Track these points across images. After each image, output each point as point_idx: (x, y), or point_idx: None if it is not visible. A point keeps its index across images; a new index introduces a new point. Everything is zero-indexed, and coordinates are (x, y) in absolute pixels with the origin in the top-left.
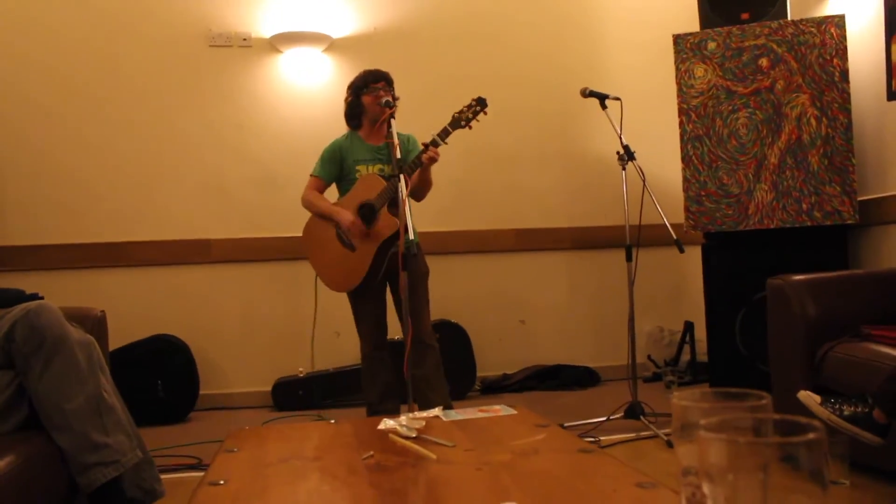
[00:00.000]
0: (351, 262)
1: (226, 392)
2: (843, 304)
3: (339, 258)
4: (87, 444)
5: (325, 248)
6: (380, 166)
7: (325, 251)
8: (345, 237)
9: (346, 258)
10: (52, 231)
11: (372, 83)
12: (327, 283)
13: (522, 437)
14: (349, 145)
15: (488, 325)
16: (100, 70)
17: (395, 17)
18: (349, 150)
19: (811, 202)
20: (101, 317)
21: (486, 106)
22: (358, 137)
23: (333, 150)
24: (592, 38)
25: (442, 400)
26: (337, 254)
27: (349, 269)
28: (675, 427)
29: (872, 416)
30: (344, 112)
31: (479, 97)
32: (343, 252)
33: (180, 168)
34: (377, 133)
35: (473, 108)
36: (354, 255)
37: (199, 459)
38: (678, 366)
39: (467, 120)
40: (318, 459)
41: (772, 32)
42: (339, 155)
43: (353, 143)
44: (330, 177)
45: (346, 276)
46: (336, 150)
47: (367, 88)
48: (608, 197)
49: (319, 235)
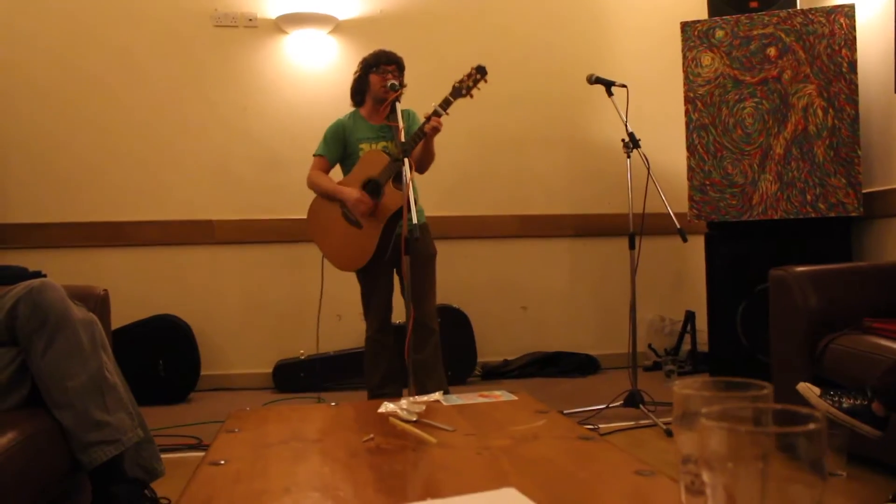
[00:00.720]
0: (358, 241)
1: (227, 373)
2: (845, 297)
3: (346, 237)
4: (89, 422)
5: (331, 228)
6: (384, 144)
7: (332, 231)
8: (350, 215)
9: (353, 236)
10: (55, 209)
11: (384, 64)
12: (335, 262)
13: (522, 422)
14: (352, 124)
15: (490, 310)
16: (104, 49)
17: (402, 0)
18: (352, 129)
19: (816, 193)
20: (103, 295)
21: (486, 73)
22: (360, 116)
23: (336, 128)
24: (600, 24)
25: (438, 386)
26: (344, 233)
27: (357, 247)
28: (675, 415)
29: (871, 409)
30: (351, 86)
31: (479, 65)
32: (350, 230)
33: (184, 148)
34: (379, 113)
35: (473, 76)
36: (361, 233)
37: (199, 439)
38: (679, 355)
39: (468, 89)
40: (319, 441)
41: (780, 21)
42: (342, 134)
43: (356, 121)
44: (334, 156)
45: (355, 254)
46: (339, 128)
47: (377, 68)
48: (612, 184)
49: (325, 215)
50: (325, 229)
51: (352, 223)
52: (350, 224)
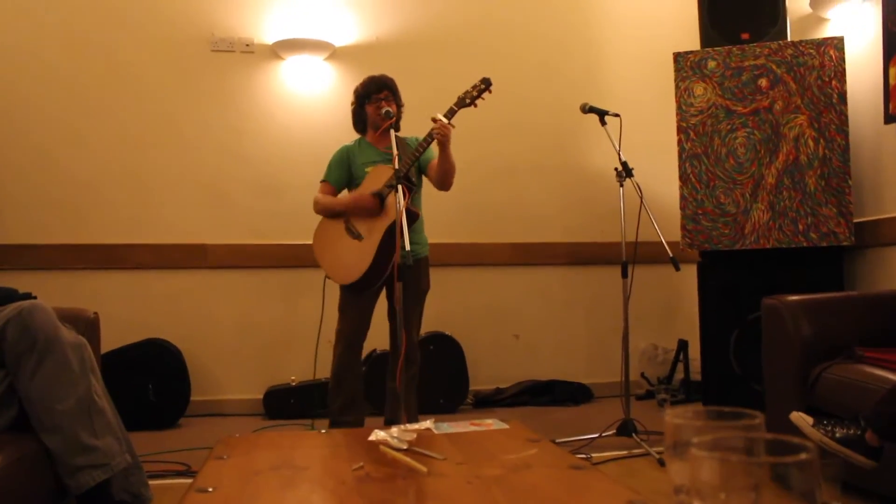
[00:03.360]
0: (357, 251)
1: (217, 398)
2: (837, 326)
3: (346, 248)
4: (77, 446)
5: (333, 243)
6: (391, 166)
7: (333, 245)
8: (353, 228)
9: (352, 248)
10: (47, 231)
11: (374, 94)
12: (332, 275)
13: (514, 451)
14: (357, 149)
15: (482, 338)
16: (101, 71)
17: (398, 28)
18: (357, 154)
19: (807, 223)
20: (94, 318)
21: (491, 85)
22: (366, 142)
23: (341, 154)
24: (594, 53)
25: (410, 417)
26: (344, 244)
27: (355, 257)
28: (667, 445)
29: (865, 439)
30: (351, 118)
31: (485, 77)
32: (350, 243)
33: (179, 172)
34: (384, 138)
35: (478, 87)
36: (360, 245)
37: (187, 466)
38: (672, 384)
39: (472, 98)
40: (308, 469)
41: (771, 53)
42: (346, 159)
43: (362, 146)
44: (339, 181)
45: (352, 264)
46: (344, 154)
47: (368, 98)
48: (605, 213)
49: (329, 232)
50: (326, 244)
51: (353, 236)
52: (352, 237)
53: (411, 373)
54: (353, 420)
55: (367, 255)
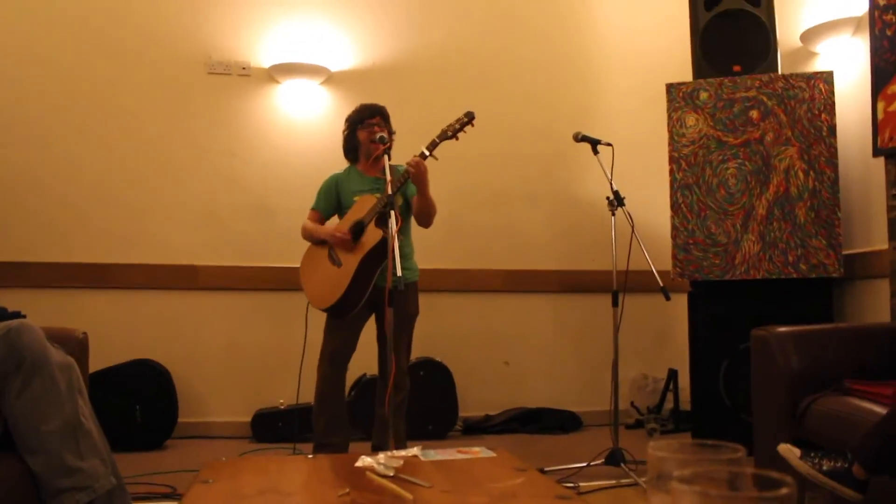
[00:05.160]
0: (334, 277)
1: (205, 421)
2: (826, 358)
3: (325, 274)
4: (61, 468)
5: (315, 269)
6: (377, 196)
7: (316, 271)
8: (334, 256)
9: (331, 274)
10: (37, 249)
11: (367, 119)
12: (310, 299)
13: (500, 480)
14: (346, 178)
15: (472, 365)
16: (95, 91)
17: (394, 53)
18: (346, 182)
19: (797, 254)
20: (82, 338)
21: (474, 118)
22: (355, 170)
23: (329, 183)
24: (587, 83)
25: (398, 442)
26: (324, 271)
27: (332, 283)
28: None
29: (852, 472)
30: (342, 145)
31: (469, 111)
32: (330, 268)
33: (171, 193)
34: (374, 166)
35: (461, 120)
36: (339, 270)
37: (173, 489)
38: (661, 413)
39: (455, 131)
40: (294, 495)
41: (762, 85)
42: (334, 188)
43: (351, 175)
44: (326, 209)
45: (329, 289)
46: (332, 184)
47: (361, 124)
48: (596, 241)
49: (313, 258)
50: (310, 269)
51: (333, 262)
52: (332, 263)
53: (400, 398)
54: (338, 443)
55: (343, 281)
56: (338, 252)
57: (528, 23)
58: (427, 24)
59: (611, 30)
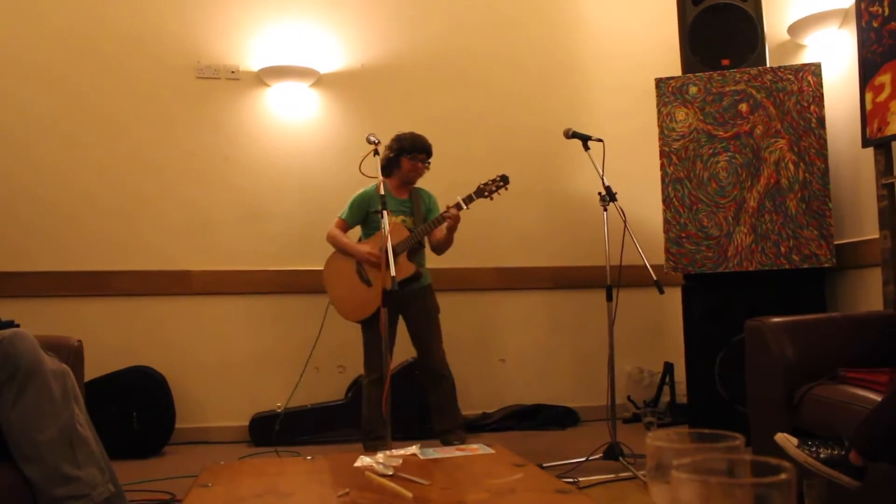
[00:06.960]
0: (365, 295)
1: (202, 426)
2: (820, 347)
3: (355, 289)
4: (58, 476)
5: (343, 279)
6: (402, 217)
7: (343, 281)
8: (364, 273)
9: (361, 291)
10: (30, 258)
11: (418, 153)
12: (341, 311)
13: (499, 476)
14: (376, 196)
15: (468, 363)
16: (85, 98)
17: (383, 55)
18: (376, 200)
19: (789, 245)
20: (77, 346)
21: (508, 182)
22: (387, 189)
23: (362, 199)
24: (577, 79)
25: (452, 423)
26: (354, 286)
27: (363, 300)
28: (649, 467)
29: (849, 459)
30: (380, 161)
31: (503, 175)
32: (360, 285)
33: (163, 198)
34: (404, 189)
35: (497, 182)
36: (369, 290)
37: (172, 495)
38: (658, 407)
39: (490, 192)
40: (293, 496)
41: (751, 79)
42: (366, 204)
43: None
44: (354, 221)
45: (359, 306)
46: (365, 199)
47: (411, 155)
48: (589, 237)
49: (340, 267)
50: (336, 278)
51: (363, 280)
52: (361, 280)
53: (445, 385)
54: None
55: (375, 299)
56: (367, 270)
57: (517, 21)
58: (415, 25)
59: (599, 27)
